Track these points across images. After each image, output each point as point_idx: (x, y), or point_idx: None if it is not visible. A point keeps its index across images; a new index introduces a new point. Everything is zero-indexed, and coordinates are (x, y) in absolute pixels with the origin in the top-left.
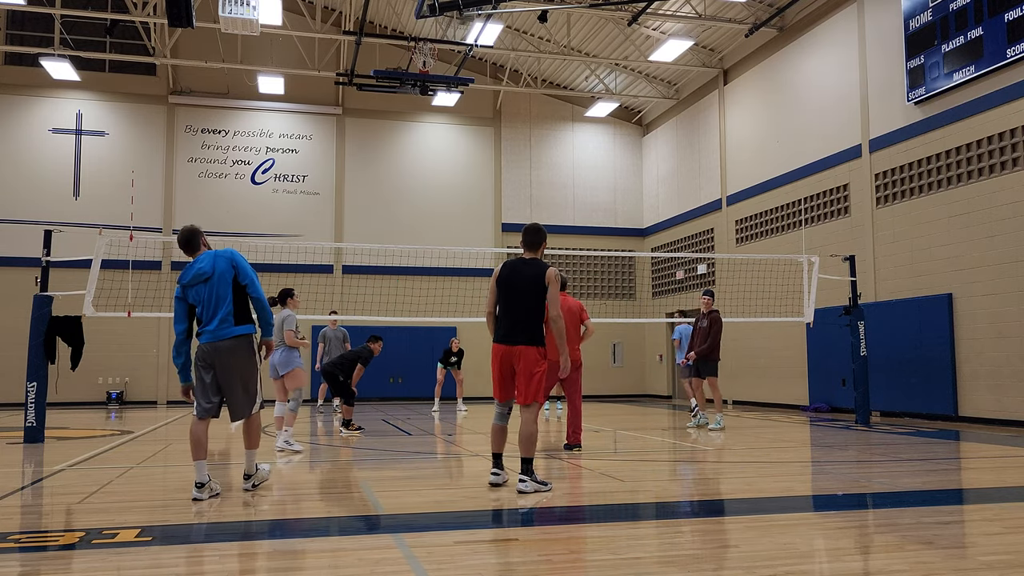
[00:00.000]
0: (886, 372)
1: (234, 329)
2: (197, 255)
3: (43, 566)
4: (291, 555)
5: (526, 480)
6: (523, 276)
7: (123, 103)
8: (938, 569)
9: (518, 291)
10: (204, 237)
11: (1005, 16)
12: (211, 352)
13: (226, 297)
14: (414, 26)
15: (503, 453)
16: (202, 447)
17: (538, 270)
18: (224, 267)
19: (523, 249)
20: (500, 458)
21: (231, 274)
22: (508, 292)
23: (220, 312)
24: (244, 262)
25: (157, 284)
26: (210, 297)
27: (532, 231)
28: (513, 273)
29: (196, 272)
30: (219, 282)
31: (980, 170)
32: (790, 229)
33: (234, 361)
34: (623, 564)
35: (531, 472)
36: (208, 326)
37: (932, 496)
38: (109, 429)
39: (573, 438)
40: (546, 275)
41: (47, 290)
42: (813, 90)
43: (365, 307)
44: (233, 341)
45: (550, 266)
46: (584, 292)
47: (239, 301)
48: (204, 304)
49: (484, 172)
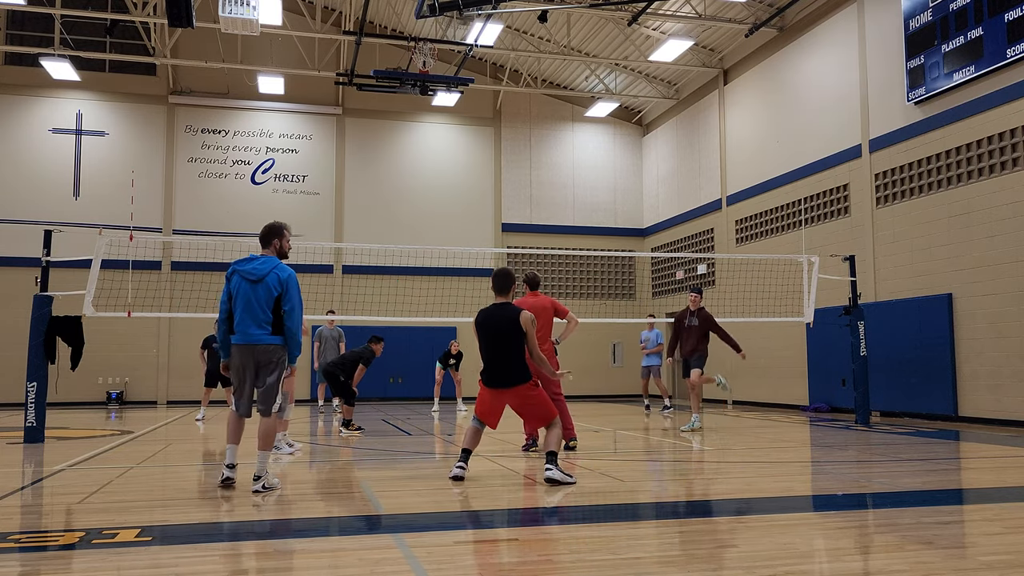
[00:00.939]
0: (886, 372)
1: (270, 338)
2: (266, 253)
3: (43, 566)
4: (291, 555)
5: (551, 468)
6: (498, 320)
7: (123, 103)
8: (938, 569)
9: (496, 336)
10: (284, 240)
11: (1005, 16)
12: (245, 354)
13: (264, 307)
14: (414, 26)
15: (473, 451)
16: (235, 434)
17: (511, 314)
18: (274, 282)
19: (495, 294)
20: (469, 455)
21: (277, 291)
22: (486, 338)
23: (258, 318)
24: (295, 289)
25: (157, 284)
26: (247, 299)
27: (501, 276)
28: (488, 319)
29: (250, 268)
30: (262, 291)
31: (980, 170)
32: (790, 229)
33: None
34: (623, 564)
35: (555, 463)
36: (244, 327)
37: (932, 496)
38: (109, 429)
39: (566, 434)
40: (521, 320)
41: (47, 290)
42: (813, 90)
43: (365, 307)
44: (267, 347)
45: (522, 310)
46: (584, 292)
47: (277, 317)
48: (238, 301)
49: (484, 172)
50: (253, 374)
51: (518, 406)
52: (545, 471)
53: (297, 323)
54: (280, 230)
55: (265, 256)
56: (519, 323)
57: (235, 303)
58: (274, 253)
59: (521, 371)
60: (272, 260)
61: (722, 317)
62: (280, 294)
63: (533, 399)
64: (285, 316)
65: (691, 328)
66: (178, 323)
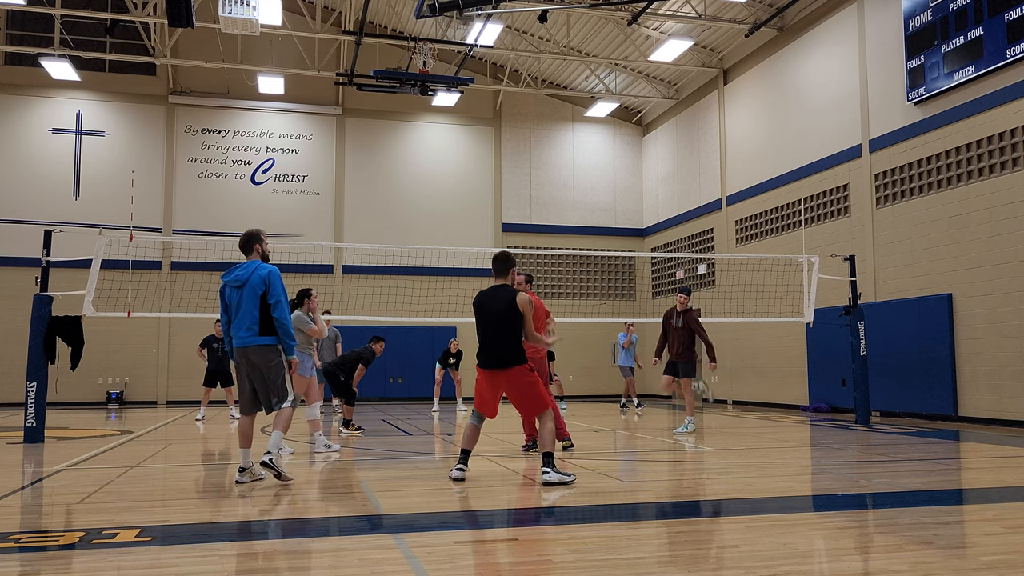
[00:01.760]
0: (886, 372)
1: (258, 339)
2: (249, 259)
3: (43, 566)
4: (291, 555)
5: (548, 471)
6: (496, 302)
7: (123, 103)
8: (938, 569)
9: (493, 317)
10: (263, 244)
11: (1005, 16)
12: (240, 356)
13: (251, 308)
14: (414, 26)
15: (472, 451)
16: (246, 437)
17: (510, 296)
18: (256, 281)
19: (494, 277)
20: (468, 455)
21: (261, 289)
22: (483, 319)
23: (246, 321)
24: (278, 282)
25: (157, 284)
26: (238, 304)
27: (501, 259)
28: (487, 300)
29: (235, 276)
30: (248, 293)
31: (980, 170)
32: (790, 229)
33: (259, 363)
34: (623, 564)
35: (552, 464)
36: (236, 331)
37: (932, 496)
38: (109, 429)
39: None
40: (518, 302)
41: (47, 290)
42: (813, 90)
43: (365, 307)
44: (257, 348)
45: (520, 292)
46: (584, 292)
47: (265, 315)
48: (233, 309)
49: (484, 172)
50: (252, 375)
51: (513, 392)
52: (542, 475)
53: (283, 315)
54: (258, 235)
55: (247, 261)
56: (517, 305)
57: (231, 312)
58: (258, 257)
59: (517, 353)
60: (253, 263)
61: (722, 317)
62: (264, 291)
63: (528, 385)
64: (272, 309)
65: (677, 329)
66: (178, 323)
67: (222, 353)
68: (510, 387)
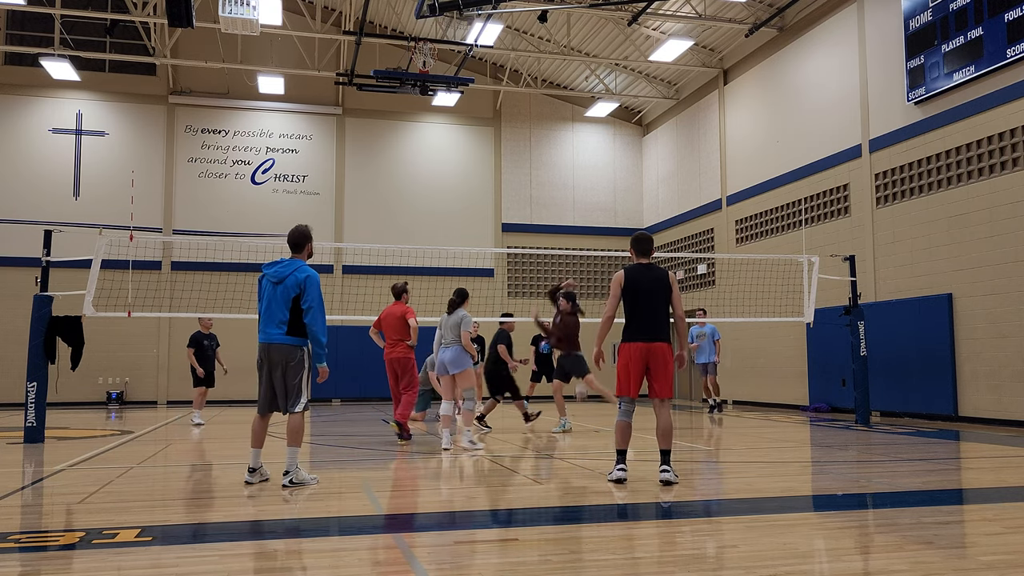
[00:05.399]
0: (886, 372)
1: (286, 338)
2: (294, 256)
3: (43, 566)
4: (291, 555)
5: (669, 470)
6: (649, 279)
7: (123, 103)
8: (938, 569)
9: (648, 293)
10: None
11: (1005, 16)
12: (264, 351)
13: (282, 308)
14: (414, 26)
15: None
16: (258, 437)
17: (661, 273)
18: (292, 283)
19: (635, 256)
20: (624, 455)
21: (295, 292)
22: (637, 295)
23: (276, 318)
24: (314, 288)
25: (157, 284)
26: (271, 300)
27: (646, 240)
28: (640, 276)
29: (274, 271)
30: (282, 292)
31: (980, 170)
32: (790, 229)
33: (279, 360)
34: (623, 564)
35: (669, 462)
36: (265, 327)
37: (932, 496)
38: (109, 429)
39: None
40: (669, 278)
41: (47, 290)
42: (813, 90)
43: (365, 307)
44: (280, 346)
45: (669, 271)
46: (584, 292)
47: (295, 317)
48: (265, 303)
49: (484, 172)
50: (273, 372)
51: (657, 365)
52: (663, 473)
53: (315, 321)
54: (310, 234)
55: (290, 259)
56: (668, 282)
57: (262, 306)
58: (305, 257)
59: (667, 330)
60: (295, 263)
61: (722, 317)
62: (298, 294)
63: (670, 363)
64: (304, 315)
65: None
66: (178, 323)
67: (212, 351)
68: (656, 359)
